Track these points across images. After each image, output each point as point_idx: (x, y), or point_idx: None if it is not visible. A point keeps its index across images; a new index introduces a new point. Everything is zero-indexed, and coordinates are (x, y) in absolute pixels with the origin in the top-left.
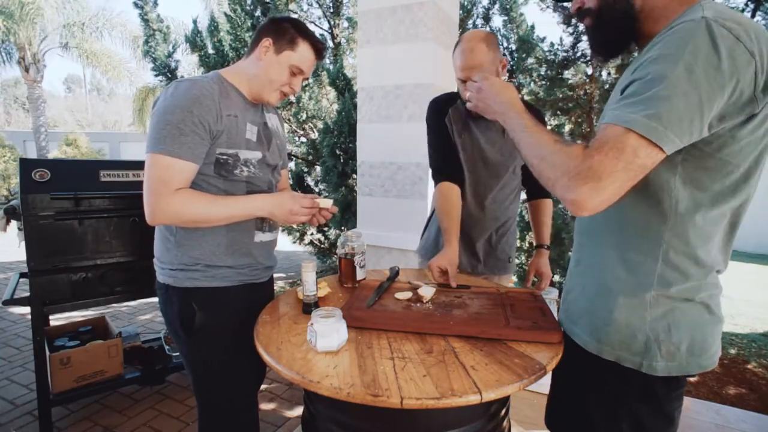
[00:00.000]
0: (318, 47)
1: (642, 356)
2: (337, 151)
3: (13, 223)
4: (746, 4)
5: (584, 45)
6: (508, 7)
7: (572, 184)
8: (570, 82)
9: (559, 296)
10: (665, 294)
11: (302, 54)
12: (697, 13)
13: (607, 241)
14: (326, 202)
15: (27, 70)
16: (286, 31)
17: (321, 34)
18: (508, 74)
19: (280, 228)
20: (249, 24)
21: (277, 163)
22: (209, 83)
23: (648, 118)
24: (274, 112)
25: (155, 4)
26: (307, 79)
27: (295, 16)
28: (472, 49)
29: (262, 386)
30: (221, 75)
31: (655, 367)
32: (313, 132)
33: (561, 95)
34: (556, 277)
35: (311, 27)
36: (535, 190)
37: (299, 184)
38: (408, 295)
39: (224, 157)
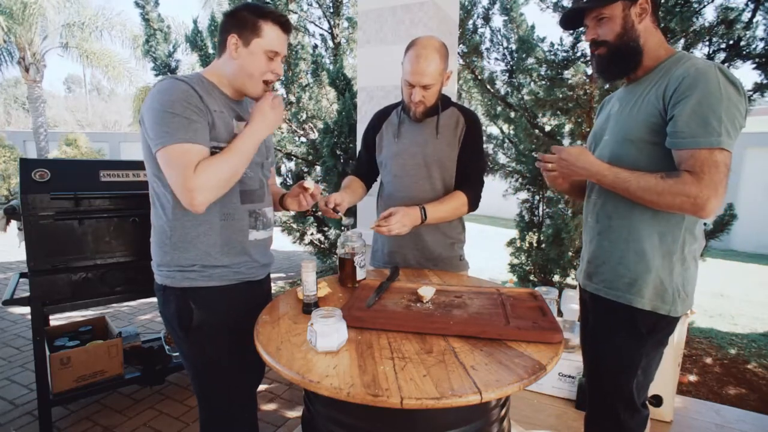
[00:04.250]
0: (282, 21)
1: (670, 304)
2: (337, 151)
3: (13, 223)
4: (746, 4)
5: (584, 45)
6: (508, 7)
7: (701, 203)
8: (570, 82)
9: (559, 296)
10: (683, 255)
11: (270, 36)
12: (689, 59)
13: (640, 219)
14: (310, 183)
15: (27, 70)
16: (245, 20)
17: (321, 34)
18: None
19: (280, 228)
20: None
21: (263, 160)
22: (191, 81)
23: (722, 135)
24: None
25: (156, 3)
26: (285, 57)
27: (295, 16)
28: (426, 57)
29: (262, 386)
30: (202, 75)
31: (676, 311)
32: (313, 132)
33: (561, 95)
34: (556, 277)
35: (311, 27)
36: (458, 186)
37: None
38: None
39: (218, 150)
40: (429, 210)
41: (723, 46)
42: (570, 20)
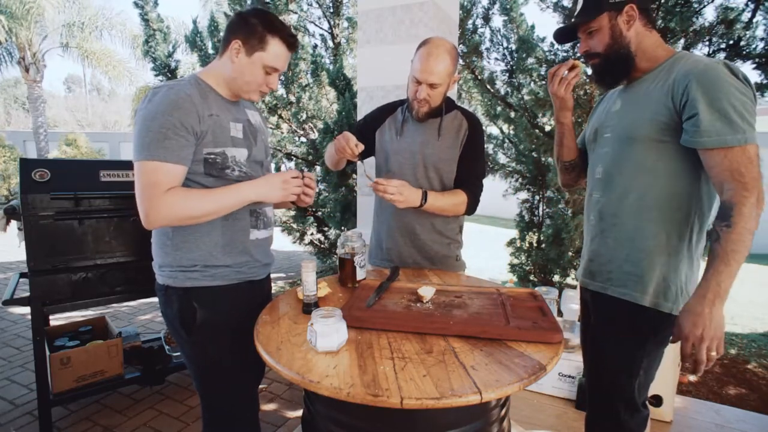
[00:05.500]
0: (289, 41)
1: (672, 302)
2: None
3: (13, 223)
4: (746, 4)
5: None
6: (508, 7)
7: (761, 198)
8: None
9: (559, 296)
10: (690, 254)
11: (274, 52)
12: (691, 57)
13: (648, 218)
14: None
15: (27, 70)
16: (254, 29)
17: (321, 34)
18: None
19: (280, 228)
20: None
21: (263, 159)
22: (186, 86)
23: (747, 131)
24: (255, 109)
25: (155, 3)
26: (283, 73)
27: (295, 16)
28: (437, 56)
29: (262, 386)
30: (198, 77)
31: (678, 309)
32: (313, 132)
33: None
34: (556, 277)
35: (311, 27)
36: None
37: None
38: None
39: (212, 156)
40: (430, 196)
41: (723, 46)
42: (563, 35)
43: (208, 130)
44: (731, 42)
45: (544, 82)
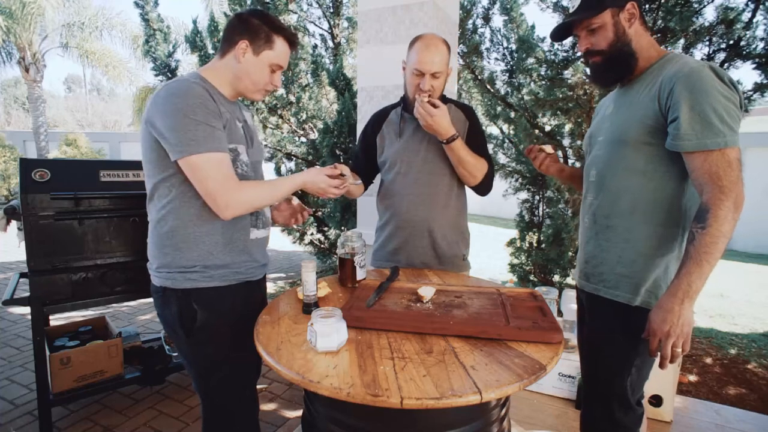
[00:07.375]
0: (292, 39)
1: None
2: (337, 151)
3: (13, 223)
4: (746, 4)
5: None
6: (508, 7)
7: (738, 203)
8: (570, 82)
9: (559, 296)
10: (679, 255)
11: (280, 50)
12: (681, 59)
13: (640, 219)
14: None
15: (27, 70)
16: (259, 29)
17: (321, 34)
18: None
19: (280, 228)
20: None
21: (259, 159)
22: (202, 83)
23: (728, 134)
24: (247, 109)
25: (156, 3)
26: (283, 71)
27: (295, 16)
28: (435, 46)
29: (263, 386)
30: (201, 75)
31: None
32: (313, 132)
33: (561, 95)
34: (556, 277)
35: (311, 27)
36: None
37: None
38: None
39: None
40: (458, 140)
41: (723, 46)
42: (560, 33)
43: (226, 126)
44: (731, 42)
45: (544, 82)
